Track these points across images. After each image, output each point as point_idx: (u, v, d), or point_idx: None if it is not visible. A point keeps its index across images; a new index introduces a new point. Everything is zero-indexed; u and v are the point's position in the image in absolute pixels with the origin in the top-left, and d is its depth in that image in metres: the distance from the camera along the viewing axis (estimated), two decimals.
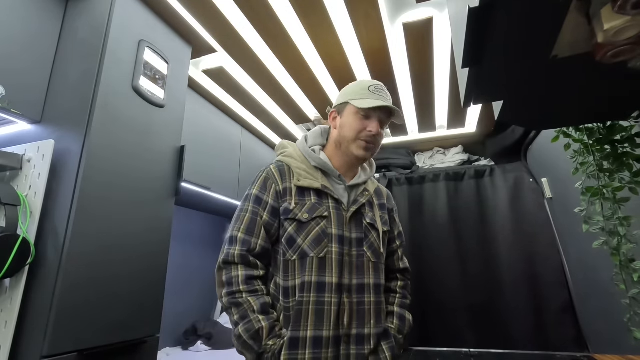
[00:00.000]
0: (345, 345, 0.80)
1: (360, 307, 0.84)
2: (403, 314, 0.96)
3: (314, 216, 0.86)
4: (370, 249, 0.90)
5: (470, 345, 1.66)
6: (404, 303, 0.99)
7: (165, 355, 1.85)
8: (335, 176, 0.95)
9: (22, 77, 0.96)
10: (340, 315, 0.81)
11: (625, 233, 0.74)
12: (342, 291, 0.83)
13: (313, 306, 0.80)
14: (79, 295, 0.83)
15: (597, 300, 1.36)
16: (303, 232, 0.85)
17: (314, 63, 1.48)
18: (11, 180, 0.92)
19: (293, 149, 0.99)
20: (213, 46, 1.37)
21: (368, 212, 0.94)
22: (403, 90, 1.71)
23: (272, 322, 0.81)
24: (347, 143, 0.94)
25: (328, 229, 0.86)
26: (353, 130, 0.93)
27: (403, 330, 0.93)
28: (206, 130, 1.69)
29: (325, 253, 0.84)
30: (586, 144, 0.80)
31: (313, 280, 0.82)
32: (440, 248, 1.96)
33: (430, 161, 2.35)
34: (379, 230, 0.93)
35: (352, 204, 0.92)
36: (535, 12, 0.44)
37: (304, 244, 0.84)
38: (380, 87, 0.95)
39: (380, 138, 0.95)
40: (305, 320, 0.79)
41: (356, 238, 0.89)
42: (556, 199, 1.69)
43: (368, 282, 0.87)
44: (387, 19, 1.25)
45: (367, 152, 0.93)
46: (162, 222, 1.11)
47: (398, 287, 1.02)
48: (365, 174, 1.00)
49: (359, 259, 0.88)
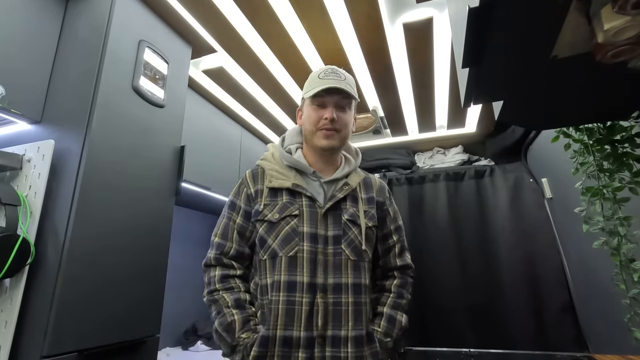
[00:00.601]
0: (319, 347, 0.77)
1: (336, 308, 0.80)
2: (393, 315, 0.90)
3: (283, 215, 0.85)
4: (350, 247, 0.85)
5: (470, 346, 1.66)
6: (397, 303, 0.93)
7: (165, 355, 1.85)
8: (310, 173, 0.92)
9: (22, 77, 0.96)
10: (313, 316, 0.78)
11: (625, 233, 0.74)
12: (316, 291, 0.80)
13: (283, 305, 0.78)
14: (79, 295, 0.83)
15: (597, 300, 1.36)
16: (273, 232, 0.85)
17: (314, 63, 1.48)
18: (11, 180, 0.92)
19: (272, 152, 0.99)
20: (213, 46, 1.37)
21: (348, 208, 0.90)
22: (403, 90, 1.71)
23: (245, 316, 0.82)
24: (310, 136, 0.93)
25: (299, 227, 0.84)
26: (311, 122, 0.92)
27: (391, 333, 0.87)
28: (206, 130, 1.69)
29: (296, 252, 0.82)
30: (586, 144, 0.80)
31: (283, 280, 0.80)
32: (440, 248, 1.96)
33: (430, 161, 2.35)
34: (360, 226, 0.88)
35: (328, 200, 0.88)
36: (535, 12, 0.44)
37: (274, 243, 0.84)
38: (330, 71, 0.92)
39: (340, 122, 0.91)
40: (275, 319, 0.78)
41: (333, 235, 0.85)
42: (556, 199, 1.69)
43: (346, 282, 0.83)
44: (387, 19, 1.25)
45: (330, 140, 0.90)
46: (162, 222, 1.11)
47: (393, 285, 0.95)
48: (349, 166, 0.97)
49: (335, 258, 0.84)
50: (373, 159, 2.35)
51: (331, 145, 0.91)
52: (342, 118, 0.91)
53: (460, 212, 2.01)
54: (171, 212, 1.16)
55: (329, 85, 0.88)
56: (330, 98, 0.90)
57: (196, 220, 2.37)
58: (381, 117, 2.00)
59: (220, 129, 1.82)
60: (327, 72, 0.92)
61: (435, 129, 2.15)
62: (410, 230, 2.03)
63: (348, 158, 1.00)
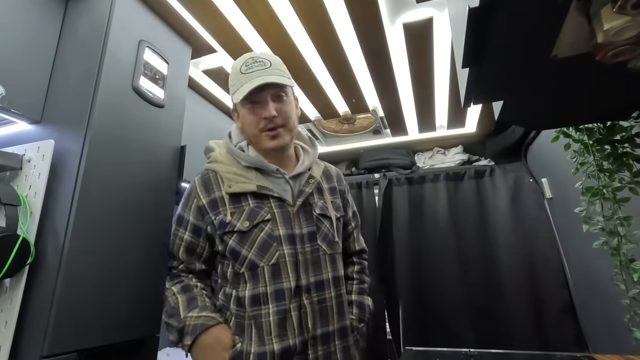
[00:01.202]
0: (312, 348, 0.76)
1: (321, 305, 0.79)
2: (362, 301, 0.91)
3: (255, 222, 0.78)
4: (325, 241, 0.83)
5: (470, 346, 1.66)
6: (361, 289, 0.93)
7: (165, 355, 1.85)
8: (273, 171, 0.85)
9: (22, 77, 0.96)
10: (302, 319, 0.76)
11: (625, 233, 0.74)
12: (302, 292, 0.77)
13: (274, 317, 0.74)
14: (79, 295, 0.83)
15: (597, 300, 1.36)
16: (246, 241, 0.78)
17: (314, 63, 1.48)
18: (11, 180, 0.92)
19: (219, 151, 0.90)
20: (213, 46, 1.37)
21: (317, 201, 0.86)
22: (403, 90, 1.71)
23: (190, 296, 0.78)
24: (255, 139, 0.86)
25: (274, 231, 0.78)
26: (250, 125, 0.85)
27: (364, 318, 0.88)
28: (206, 130, 1.68)
29: (277, 258, 0.77)
30: (586, 144, 0.80)
31: (269, 291, 0.75)
32: (440, 248, 1.96)
33: (430, 161, 2.35)
34: (331, 219, 0.86)
35: (297, 197, 0.83)
36: (535, 12, 0.44)
37: (250, 254, 0.77)
38: (252, 61, 0.83)
39: (282, 116, 0.83)
40: (268, 333, 0.73)
41: (308, 232, 0.81)
42: (556, 199, 1.68)
43: (327, 277, 0.81)
44: (387, 19, 1.25)
45: (278, 140, 0.83)
46: (162, 222, 1.11)
47: (354, 272, 0.96)
48: (308, 158, 0.91)
49: (313, 255, 0.81)
50: (373, 159, 2.35)
51: (280, 144, 0.84)
52: (282, 110, 0.83)
53: (460, 212, 2.01)
54: (171, 212, 1.16)
55: (256, 83, 0.79)
56: (262, 94, 0.81)
57: None
58: (381, 117, 2.00)
59: (220, 129, 1.82)
60: (249, 63, 0.82)
61: (435, 129, 2.15)
62: (410, 230, 2.03)
63: (305, 148, 0.94)
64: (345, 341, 0.81)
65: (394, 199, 2.14)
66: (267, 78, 0.79)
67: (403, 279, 1.93)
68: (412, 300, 1.89)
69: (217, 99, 1.74)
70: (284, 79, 0.82)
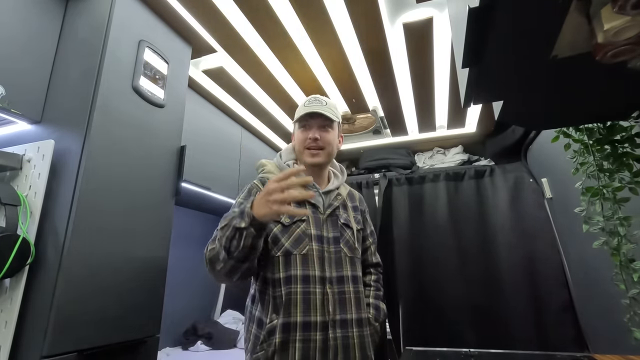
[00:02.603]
0: (332, 329, 0.91)
1: (341, 296, 0.95)
2: (378, 304, 1.09)
3: (294, 220, 0.98)
4: (346, 246, 1.02)
5: (470, 346, 1.66)
6: (377, 295, 1.12)
7: (165, 355, 1.85)
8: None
9: (22, 77, 0.96)
10: (325, 303, 0.92)
11: (625, 233, 0.74)
12: (325, 282, 0.94)
13: (300, 296, 0.91)
14: (79, 295, 0.83)
15: (597, 300, 1.36)
16: (286, 233, 0.97)
17: (314, 63, 1.48)
18: (11, 180, 0.92)
19: (271, 166, 1.12)
20: (213, 46, 1.37)
21: (342, 214, 1.07)
22: (403, 90, 1.71)
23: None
24: (299, 155, 1.08)
25: (307, 230, 0.98)
26: (299, 142, 1.08)
27: (379, 319, 1.06)
28: (206, 130, 1.69)
29: (307, 250, 0.96)
30: (586, 144, 0.80)
31: (299, 274, 0.93)
32: (440, 248, 1.96)
33: (430, 161, 2.35)
34: (353, 229, 1.07)
35: (327, 207, 1.04)
36: (535, 12, 0.44)
37: (287, 243, 0.96)
38: (313, 99, 1.09)
39: (323, 140, 1.06)
40: (295, 308, 0.90)
41: (333, 237, 1.01)
42: (556, 199, 1.69)
43: (347, 274, 0.99)
44: (387, 19, 1.25)
45: (315, 158, 1.05)
46: (162, 222, 1.11)
47: (372, 280, 1.14)
48: (337, 181, 1.14)
49: (336, 255, 0.99)
50: (373, 159, 2.35)
51: (316, 161, 1.06)
52: (324, 137, 1.06)
53: (460, 212, 2.01)
54: (171, 212, 1.16)
55: (310, 110, 1.04)
56: (313, 121, 1.06)
57: (196, 220, 2.36)
58: (381, 117, 2.00)
59: (220, 129, 1.82)
60: (311, 100, 1.09)
61: (435, 129, 2.15)
62: (410, 230, 2.03)
63: (336, 174, 1.18)
64: (361, 330, 0.96)
65: (394, 199, 2.14)
66: (318, 109, 1.05)
67: (403, 279, 1.93)
68: (412, 300, 1.89)
69: (217, 99, 1.74)
70: (332, 115, 1.06)
